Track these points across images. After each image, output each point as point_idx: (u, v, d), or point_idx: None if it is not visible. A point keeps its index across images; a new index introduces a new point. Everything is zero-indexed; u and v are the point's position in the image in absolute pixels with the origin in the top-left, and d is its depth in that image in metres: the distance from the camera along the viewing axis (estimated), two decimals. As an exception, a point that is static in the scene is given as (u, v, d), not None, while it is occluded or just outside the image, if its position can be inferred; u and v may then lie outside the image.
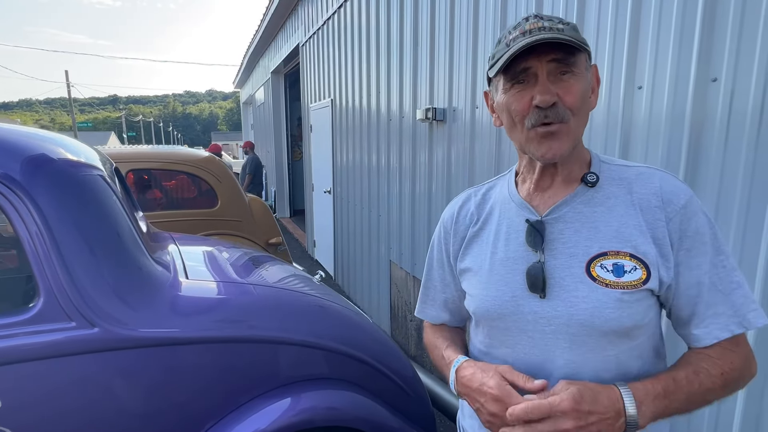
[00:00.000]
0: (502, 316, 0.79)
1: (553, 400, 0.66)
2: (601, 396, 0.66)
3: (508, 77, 0.74)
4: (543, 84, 0.71)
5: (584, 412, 0.65)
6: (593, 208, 0.76)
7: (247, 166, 7.74)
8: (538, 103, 0.71)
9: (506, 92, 0.75)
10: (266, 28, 7.77)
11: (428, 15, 2.78)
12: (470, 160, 2.45)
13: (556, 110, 0.71)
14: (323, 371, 1.49)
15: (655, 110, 1.43)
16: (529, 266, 0.76)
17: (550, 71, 0.71)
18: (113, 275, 1.24)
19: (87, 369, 1.19)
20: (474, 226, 0.87)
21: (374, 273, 3.97)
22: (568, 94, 0.71)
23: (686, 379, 0.70)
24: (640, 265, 0.71)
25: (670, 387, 0.68)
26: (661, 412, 0.68)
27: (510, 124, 0.77)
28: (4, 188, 1.14)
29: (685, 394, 0.69)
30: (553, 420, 0.65)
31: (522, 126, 0.74)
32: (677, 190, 0.74)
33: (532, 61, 0.71)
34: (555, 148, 0.73)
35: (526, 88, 0.73)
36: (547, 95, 0.70)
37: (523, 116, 0.74)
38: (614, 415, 0.66)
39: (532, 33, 0.71)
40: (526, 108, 0.73)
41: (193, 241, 2.16)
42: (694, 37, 1.30)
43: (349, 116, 4.41)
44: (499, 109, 0.79)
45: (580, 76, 0.73)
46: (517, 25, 0.74)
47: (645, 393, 0.67)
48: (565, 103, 0.71)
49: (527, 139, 0.75)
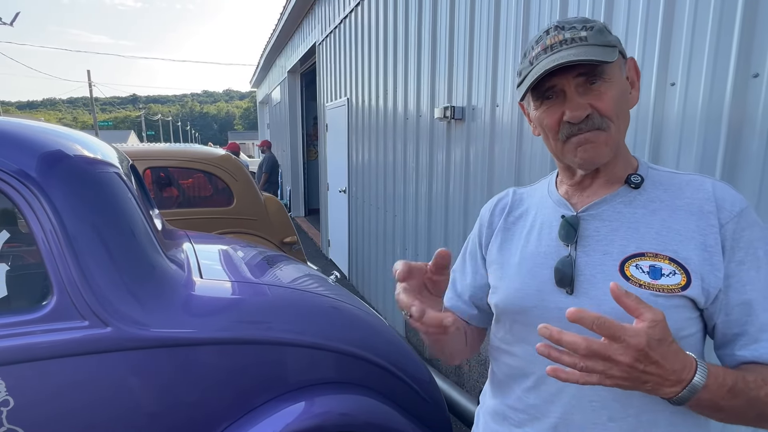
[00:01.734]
0: (524, 309, 0.76)
1: (629, 328, 0.55)
2: (676, 356, 0.57)
3: (536, 95, 0.73)
4: (572, 100, 0.70)
5: (650, 360, 0.55)
6: (634, 209, 0.72)
7: (263, 165, 7.77)
8: (569, 119, 0.69)
9: (537, 109, 0.75)
10: (283, 27, 7.80)
11: (448, 10, 2.73)
12: (489, 160, 2.39)
13: (591, 121, 0.69)
14: (337, 375, 1.46)
15: (689, 108, 1.36)
16: (559, 260, 0.74)
17: (579, 83, 0.69)
18: (127, 274, 1.23)
19: (99, 369, 1.17)
20: (507, 218, 0.86)
21: (389, 274, 3.93)
22: (600, 102, 0.69)
23: (755, 382, 0.62)
24: (680, 270, 0.67)
25: (740, 385, 0.61)
26: (713, 404, 0.61)
27: (545, 137, 0.76)
28: (19, 184, 1.13)
29: (748, 397, 0.61)
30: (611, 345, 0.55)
31: (556, 140, 0.74)
32: (732, 197, 0.70)
33: (557, 80, 0.70)
34: (593, 154, 0.71)
35: (555, 104, 0.72)
36: (578, 111, 0.69)
37: (555, 131, 0.73)
38: (674, 380, 0.57)
39: (553, 48, 0.69)
40: (558, 123, 0.72)
41: (208, 240, 2.15)
42: (733, 30, 1.23)
43: (365, 115, 4.38)
44: (533, 123, 0.79)
45: (613, 80, 0.70)
46: (539, 39, 0.72)
47: (715, 380, 0.59)
48: (600, 112, 0.69)
49: (564, 151, 0.74)
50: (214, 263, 1.71)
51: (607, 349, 0.55)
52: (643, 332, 0.55)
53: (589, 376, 0.56)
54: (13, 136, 1.18)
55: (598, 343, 0.55)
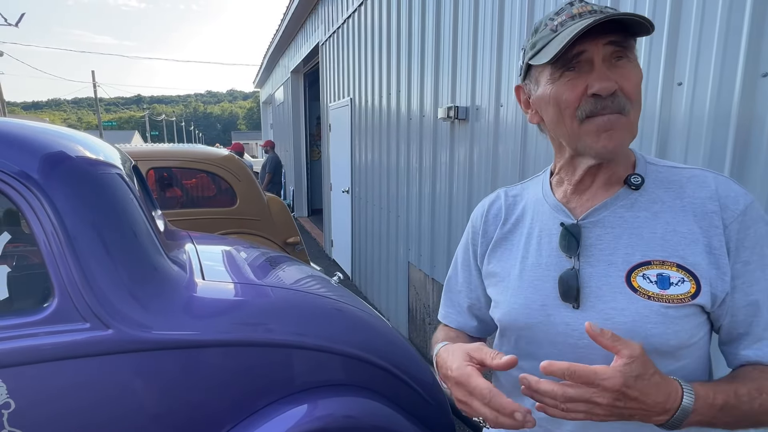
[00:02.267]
0: (529, 325, 0.73)
1: (601, 371, 0.55)
2: (658, 389, 0.57)
3: (558, 65, 0.66)
4: (600, 70, 0.64)
5: (629, 397, 0.55)
6: (636, 213, 0.69)
7: (266, 165, 7.78)
8: (597, 90, 0.63)
9: (554, 82, 0.67)
10: (286, 27, 7.80)
11: (451, 10, 2.71)
12: (493, 160, 2.38)
13: (617, 100, 0.64)
14: (340, 377, 1.44)
15: (696, 108, 1.34)
16: (562, 273, 0.71)
17: (605, 56, 0.64)
18: (128, 275, 1.22)
19: (101, 371, 1.16)
20: (503, 227, 0.82)
21: (392, 275, 3.92)
22: (626, 81, 0.64)
23: (748, 395, 0.61)
24: (689, 277, 0.65)
25: (731, 401, 0.60)
26: (706, 422, 0.61)
27: (557, 117, 0.69)
28: (21, 186, 1.12)
29: (741, 412, 0.61)
30: (588, 389, 0.56)
31: (572, 119, 0.67)
32: (736, 194, 0.67)
33: (586, 45, 0.63)
34: (616, 139, 0.65)
35: (580, 75, 0.65)
36: (607, 82, 0.63)
37: (574, 108, 0.66)
38: (659, 411, 0.58)
39: (582, 16, 0.64)
40: (579, 98, 0.65)
41: (211, 241, 2.14)
42: (742, 28, 1.21)
43: (368, 115, 4.36)
44: (541, 103, 0.71)
45: (636, 62, 0.66)
46: (560, 11, 0.67)
47: (704, 401, 0.59)
48: (625, 92, 0.64)
49: (581, 133, 0.67)
50: (217, 264, 1.70)
51: (583, 395, 0.56)
52: (618, 373, 0.55)
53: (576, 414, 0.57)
54: (14, 137, 1.18)
55: (575, 389, 0.56)
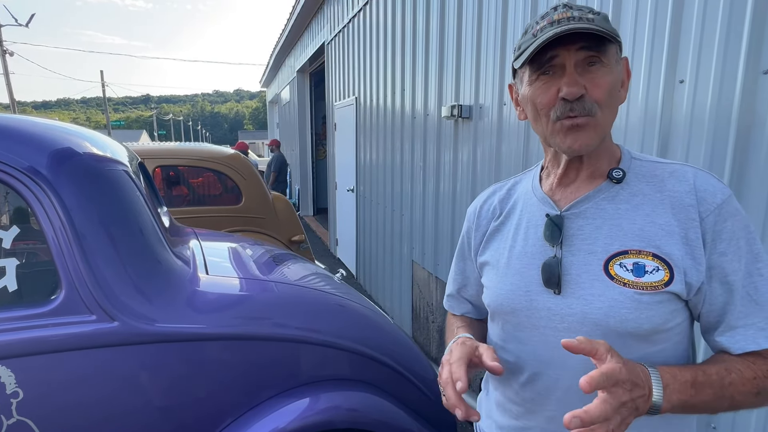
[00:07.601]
0: (514, 310, 0.78)
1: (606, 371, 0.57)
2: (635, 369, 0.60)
3: (534, 68, 0.72)
4: (570, 75, 0.69)
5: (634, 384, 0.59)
6: (617, 205, 0.73)
7: (272, 164, 7.81)
8: (565, 95, 0.68)
9: (531, 84, 0.73)
10: (292, 26, 7.83)
11: (455, 9, 2.72)
12: (497, 158, 2.38)
13: (583, 103, 0.69)
14: (343, 372, 1.46)
15: (698, 106, 1.34)
16: (545, 261, 0.75)
17: (578, 62, 0.69)
18: (134, 269, 1.24)
19: (106, 362, 1.19)
20: (496, 220, 0.87)
21: (396, 273, 3.93)
22: (595, 87, 0.69)
23: (717, 374, 0.65)
24: (663, 266, 0.68)
25: (699, 378, 0.64)
26: (686, 402, 0.63)
27: (534, 116, 0.75)
28: (30, 181, 1.15)
29: (713, 389, 0.64)
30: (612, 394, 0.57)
31: (547, 119, 0.72)
32: (713, 188, 0.70)
33: (559, 50, 0.69)
34: (582, 139, 0.70)
35: (552, 79, 0.71)
36: (574, 87, 0.68)
37: (548, 109, 0.71)
38: (648, 391, 0.61)
39: (560, 23, 0.69)
40: (552, 100, 0.70)
41: (215, 237, 2.17)
42: (743, 25, 1.21)
43: (373, 114, 4.38)
44: (523, 102, 0.77)
45: (610, 67, 0.70)
46: (545, 15, 0.72)
47: (672, 377, 0.63)
48: (593, 97, 0.69)
49: (552, 132, 0.72)
50: (221, 260, 1.73)
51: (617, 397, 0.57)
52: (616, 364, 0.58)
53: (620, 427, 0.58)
54: (23, 133, 1.21)
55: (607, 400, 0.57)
